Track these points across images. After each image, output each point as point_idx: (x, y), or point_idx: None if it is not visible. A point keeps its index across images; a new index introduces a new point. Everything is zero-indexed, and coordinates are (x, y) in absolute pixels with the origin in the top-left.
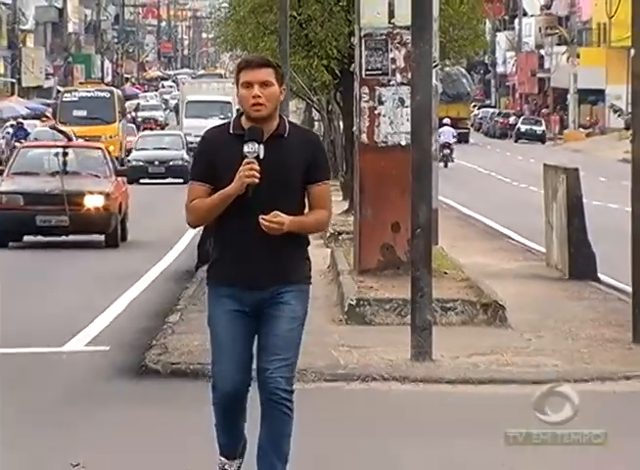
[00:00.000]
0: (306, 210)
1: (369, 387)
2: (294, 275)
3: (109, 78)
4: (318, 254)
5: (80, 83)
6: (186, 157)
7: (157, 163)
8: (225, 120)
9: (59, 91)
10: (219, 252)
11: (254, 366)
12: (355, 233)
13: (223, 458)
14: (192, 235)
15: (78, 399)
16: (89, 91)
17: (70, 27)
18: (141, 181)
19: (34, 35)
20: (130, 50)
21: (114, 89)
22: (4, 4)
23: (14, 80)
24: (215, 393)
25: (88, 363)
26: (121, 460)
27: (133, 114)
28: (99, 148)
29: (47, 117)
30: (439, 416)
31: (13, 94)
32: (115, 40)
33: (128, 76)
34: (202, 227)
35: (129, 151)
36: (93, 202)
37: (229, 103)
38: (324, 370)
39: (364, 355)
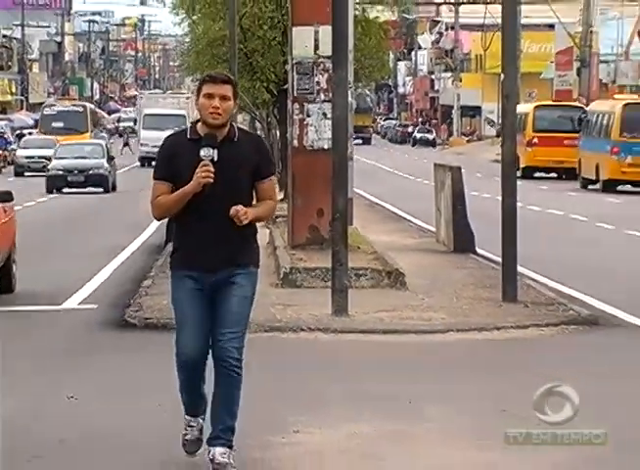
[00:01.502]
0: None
1: (299, 336)
2: (245, 260)
3: (97, 97)
4: (259, 233)
5: (59, 99)
6: (106, 166)
7: (76, 171)
8: None
9: (30, 105)
10: (180, 241)
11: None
12: (288, 217)
13: (188, 416)
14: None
15: (73, 346)
16: (66, 106)
17: (67, 57)
18: (63, 190)
19: (39, 63)
20: (114, 74)
21: (87, 104)
22: (15, 38)
23: (23, 98)
24: (179, 359)
25: (80, 318)
26: (106, 393)
27: (116, 124)
28: None
29: None
30: (354, 358)
31: (22, 109)
32: (102, 67)
33: (112, 95)
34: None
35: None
36: None
37: (183, 116)
38: (264, 323)
39: (295, 312)
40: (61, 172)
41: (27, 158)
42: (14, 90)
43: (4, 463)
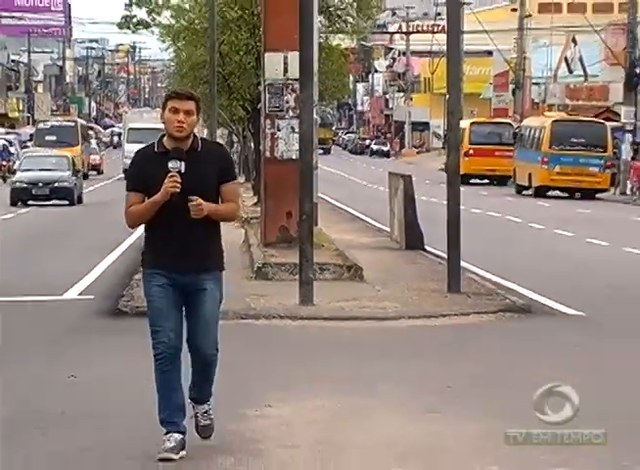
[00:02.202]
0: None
1: (270, 323)
2: (211, 265)
3: (94, 113)
4: (236, 232)
5: (52, 114)
6: (72, 178)
7: (40, 184)
8: None
9: (35, 121)
10: (151, 244)
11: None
12: (261, 218)
13: (165, 433)
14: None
15: (72, 332)
16: (58, 121)
17: (68, 79)
18: (28, 203)
19: (43, 84)
20: (108, 94)
21: (78, 120)
22: (22, 63)
23: (29, 115)
24: (156, 349)
25: (79, 307)
26: (102, 372)
27: (111, 137)
28: None
29: None
30: (319, 342)
31: (28, 124)
32: (99, 87)
33: (107, 112)
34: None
35: (93, 166)
36: None
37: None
38: (240, 311)
39: (267, 301)
40: (25, 185)
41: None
42: (21, 108)
43: (11, 431)
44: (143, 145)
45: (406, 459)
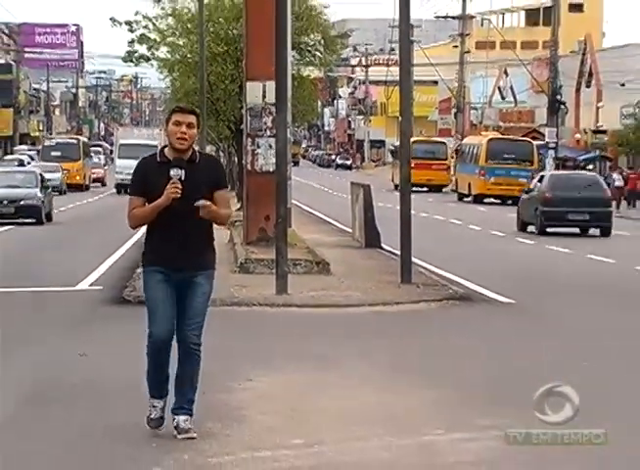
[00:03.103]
0: None
1: (251, 309)
2: (204, 263)
3: (102, 133)
4: (223, 233)
5: (57, 133)
6: (40, 195)
7: (6, 202)
8: None
9: (31, 137)
10: (151, 244)
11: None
12: (244, 221)
13: (152, 399)
14: None
15: (84, 317)
16: (63, 139)
17: (80, 103)
18: None
19: (59, 108)
20: (115, 117)
21: (80, 137)
22: (43, 91)
23: (48, 134)
24: (151, 340)
25: (90, 296)
26: (109, 351)
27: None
28: None
29: None
30: (292, 326)
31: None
32: (106, 111)
33: (113, 132)
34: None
35: (96, 179)
36: None
37: (156, 146)
38: (226, 299)
39: (249, 291)
40: None
41: None
42: (41, 128)
43: (29, 401)
44: (133, 161)
45: (367, 423)
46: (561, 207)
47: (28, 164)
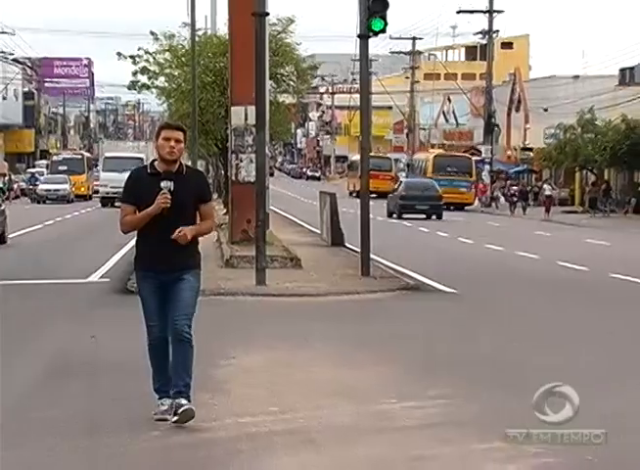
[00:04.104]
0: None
1: (236, 298)
2: (190, 265)
3: None
4: (211, 234)
5: (64, 149)
6: None
7: None
8: None
9: (50, 153)
10: (142, 249)
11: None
12: (229, 224)
13: (160, 400)
14: None
15: (92, 304)
16: (69, 154)
17: (91, 125)
18: None
19: (73, 129)
20: (120, 136)
21: (85, 153)
22: (60, 114)
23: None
24: (150, 338)
25: (98, 287)
26: (115, 335)
27: None
28: None
29: None
30: (270, 312)
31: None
32: (113, 132)
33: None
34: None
35: (96, 191)
36: None
37: (141, 159)
38: (213, 290)
39: (233, 283)
40: None
41: (46, 190)
42: (58, 146)
43: (50, 374)
44: (118, 174)
45: (332, 394)
46: (411, 201)
47: (41, 175)
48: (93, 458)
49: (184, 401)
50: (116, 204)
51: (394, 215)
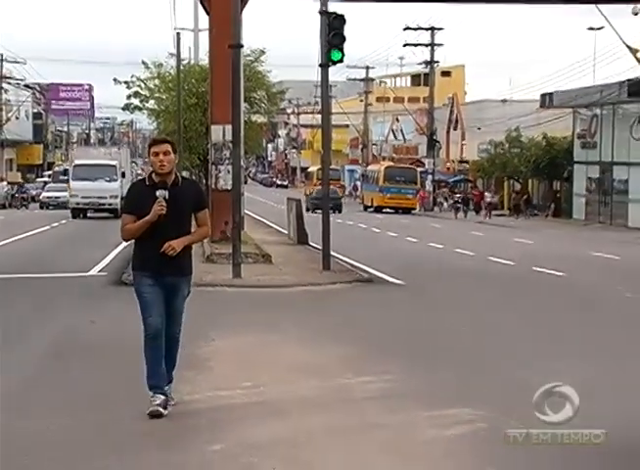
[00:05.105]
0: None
1: (215, 289)
2: (184, 270)
3: None
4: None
5: (65, 162)
6: None
7: None
8: (111, 183)
9: (53, 164)
10: (139, 252)
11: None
12: (210, 225)
13: (153, 396)
14: None
15: (92, 295)
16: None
17: (92, 141)
18: None
19: (76, 144)
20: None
21: None
22: (64, 132)
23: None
24: (147, 332)
25: (98, 280)
26: (113, 320)
27: None
28: None
29: None
30: (245, 301)
31: (66, 170)
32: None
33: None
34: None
35: None
36: None
37: (114, 166)
38: (196, 282)
39: (213, 276)
40: None
41: (48, 198)
42: (62, 159)
43: (53, 355)
44: (89, 183)
45: (297, 371)
46: (314, 200)
47: (46, 183)
48: (89, 428)
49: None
50: (89, 215)
51: (309, 211)
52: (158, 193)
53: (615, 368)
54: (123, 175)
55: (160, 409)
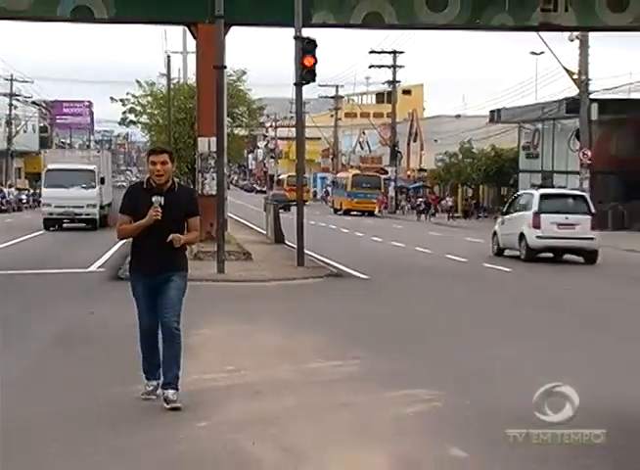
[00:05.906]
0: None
1: (202, 283)
2: (178, 267)
3: None
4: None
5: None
6: None
7: None
8: (89, 190)
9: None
10: (136, 254)
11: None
12: (200, 231)
13: (147, 381)
14: None
15: (90, 290)
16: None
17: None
18: None
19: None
20: (114, 161)
21: None
22: (68, 143)
23: None
24: (141, 330)
25: (96, 275)
26: (110, 311)
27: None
28: None
29: None
30: (228, 294)
31: None
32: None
33: (114, 171)
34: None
35: None
36: None
37: (92, 171)
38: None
39: (200, 271)
40: None
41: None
42: None
43: (56, 343)
44: (63, 189)
45: (274, 356)
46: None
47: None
48: (87, 409)
49: (171, 395)
50: (65, 225)
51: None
52: (153, 199)
53: (540, 346)
54: (102, 181)
55: (152, 396)
